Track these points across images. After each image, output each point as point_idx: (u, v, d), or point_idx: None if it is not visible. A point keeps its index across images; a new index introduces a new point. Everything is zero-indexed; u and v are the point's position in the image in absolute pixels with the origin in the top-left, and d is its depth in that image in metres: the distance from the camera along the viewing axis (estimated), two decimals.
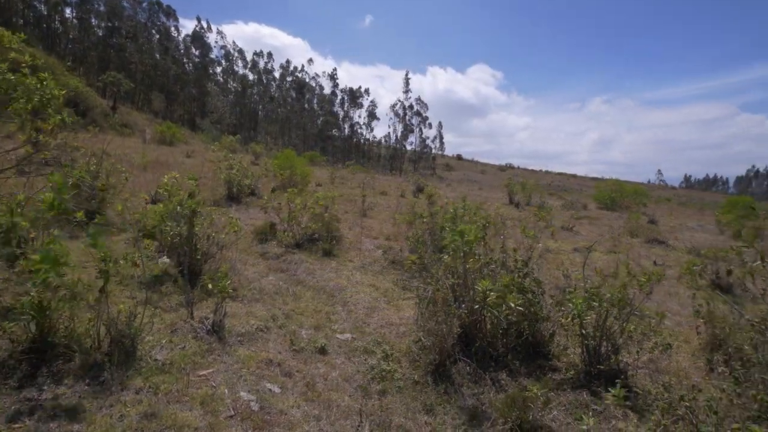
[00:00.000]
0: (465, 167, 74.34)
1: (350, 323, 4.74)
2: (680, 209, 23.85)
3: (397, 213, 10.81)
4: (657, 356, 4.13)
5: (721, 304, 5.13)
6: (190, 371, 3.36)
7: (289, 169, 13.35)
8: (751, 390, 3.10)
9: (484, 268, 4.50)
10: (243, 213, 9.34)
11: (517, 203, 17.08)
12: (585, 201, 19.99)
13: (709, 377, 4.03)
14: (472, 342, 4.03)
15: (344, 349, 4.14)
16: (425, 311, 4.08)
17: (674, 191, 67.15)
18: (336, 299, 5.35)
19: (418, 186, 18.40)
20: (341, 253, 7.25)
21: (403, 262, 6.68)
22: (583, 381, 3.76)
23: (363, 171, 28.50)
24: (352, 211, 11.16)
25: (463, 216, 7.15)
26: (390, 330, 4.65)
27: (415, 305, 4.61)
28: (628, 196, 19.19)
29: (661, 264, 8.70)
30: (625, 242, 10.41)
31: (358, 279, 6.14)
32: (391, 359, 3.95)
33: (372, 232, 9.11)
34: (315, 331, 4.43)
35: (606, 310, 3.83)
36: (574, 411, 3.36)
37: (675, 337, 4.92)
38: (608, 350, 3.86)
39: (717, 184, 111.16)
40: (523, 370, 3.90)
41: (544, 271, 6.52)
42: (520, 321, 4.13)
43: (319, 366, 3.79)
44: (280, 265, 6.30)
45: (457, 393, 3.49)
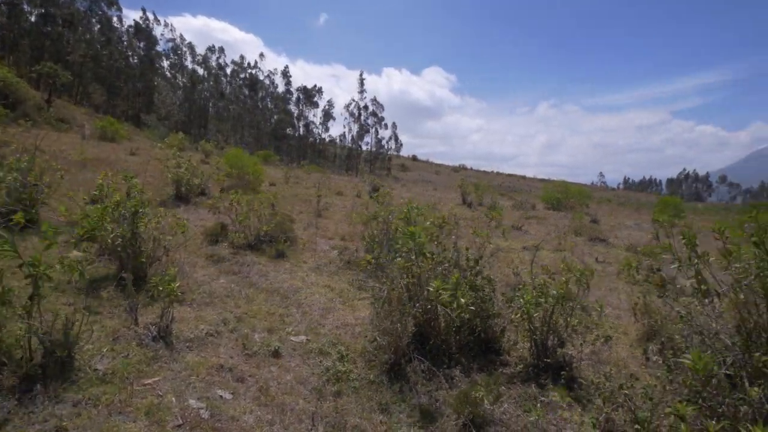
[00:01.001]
0: (420, 168, 75.35)
1: (305, 325, 4.68)
2: (619, 209, 25.37)
3: (352, 213, 10.78)
4: (598, 348, 4.36)
5: (655, 298, 5.51)
6: (134, 380, 3.19)
7: (240, 168, 12.98)
8: (681, 376, 3.35)
9: (438, 267, 4.58)
10: (192, 213, 8.99)
11: (469, 203, 17.52)
12: (534, 201, 20.82)
13: (645, 366, 4.31)
14: (427, 340, 4.10)
15: (299, 352, 4.08)
16: (380, 311, 4.10)
17: (614, 192, 71.35)
18: (290, 301, 5.27)
19: (374, 186, 18.46)
20: (296, 254, 7.15)
21: (358, 262, 6.68)
22: (531, 374, 3.92)
23: (318, 171, 28.23)
24: (306, 212, 11.02)
25: (417, 216, 7.24)
26: (345, 331, 4.63)
27: (370, 305, 4.61)
28: (573, 197, 20.18)
29: (602, 261, 9.22)
30: (570, 240, 10.93)
31: (312, 280, 6.08)
32: (347, 360, 3.93)
33: (327, 232, 9.04)
34: (268, 334, 4.34)
35: (552, 306, 4.01)
36: (524, 403, 3.49)
37: (615, 329, 5.21)
38: (554, 344, 4.04)
39: (652, 185, 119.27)
40: (476, 366, 4.01)
41: (496, 269, 6.74)
42: (473, 318, 4.23)
43: (272, 369, 3.71)
44: (231, 267, 6.11)
45: (412, 391, 3.54)
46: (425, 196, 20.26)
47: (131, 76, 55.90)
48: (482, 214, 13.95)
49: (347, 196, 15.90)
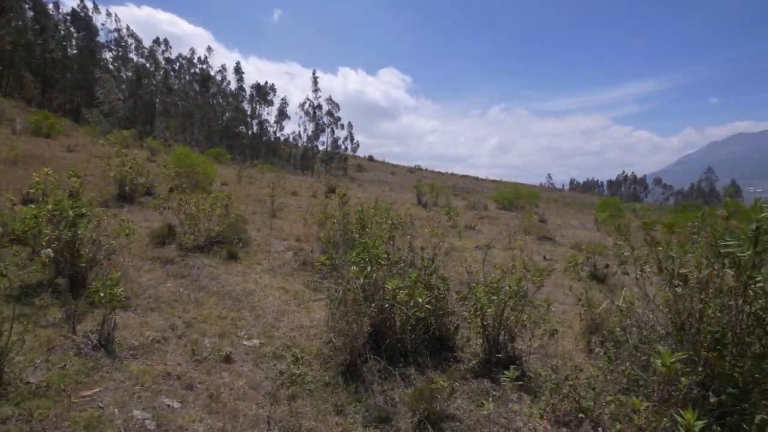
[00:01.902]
0: (376, 168, 75.65)
1: (258, 328, 4.57)
2: (565, 209, 26.63)
3: (308, 213, 10.65)
4: (546, 342, 4.55)
5: (597, 293, 5.83)
6: (72, 392, 2.99)
7: (190, 167, 12.49)
8: (621, 366, 3.56)
9: (393, 267, 4.62)
10: (137, 214, 8.55)
11: (425, 204, 17.78)
12: (486, 202, 21.43)
13: (588, 358, 4.55)
14: (382, 340, 4.12)
15: (252, 356, 3.98)
16: (336, 312, 4.07)
17: (561, 193, 74.81)
18: (243, 304, 5.12)
19: (330, 186, 18.33)
20: (249, 256, 6.96)
21: (314, 263, 6.61)
22: (484, 369, 4.03)
23: (273, 170, 27.65)
24: (260, 212, 10.77)
25: (373, 217, 7.26)
26: (300, 333, 4.56)
27: (326, 306, 4.58)
28: (523, 198, 20.98)
29: (549, 258, 9.63)
30: (519, 239, 11.34)
31: (266, 282, 5.94)
32: (302, 362, 3.88)
33: (282, 233, 8.88)
34: (219, 339, 4.20)
35: (504, 302, 4.14)
36: (476, 398, 3.58)
37: (561, 323, 5.46)
38: (505, 339, 4.18)
39: (595, 187, 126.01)
40: (431, 364, 4.07)
41: (450, 268, 6.88)
42: (428, 317, 4.30)
43: (224, 375, 3.60)
44: (179, 270, 5.87)
45: (368, 391, 3.54)
46: (382, 197, 20.36)
47: (68, 68, 52.35)
48: (438, 214, 14.20)
49: (303, 196, 15.69)
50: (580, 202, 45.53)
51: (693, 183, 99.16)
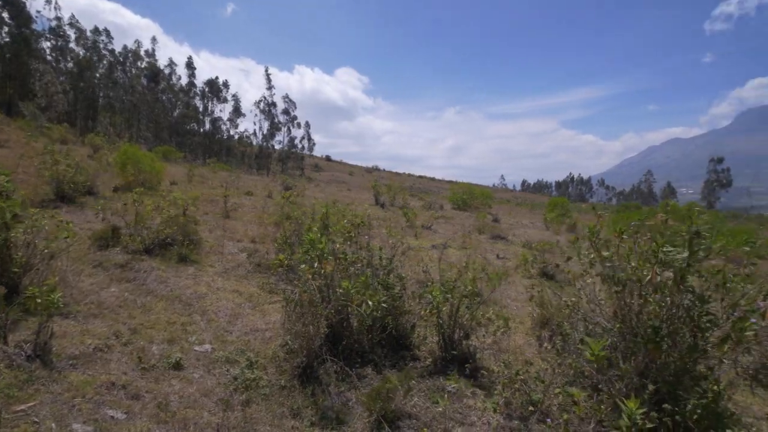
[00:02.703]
0: (334, 168, 75.18)
1: (210, 333, 4.41)
2: (517, 209, 27.60)
3: (263, 214, 10.41)
4: (499, 338, 4.69)
5: (547, 289, 6.07)
6: (3, 407, 2.76)
7: (137, 165, 11.89)
8: (568, 359, 3.73)
9: (350, 267, 4.60)
10: (77, 215, 8.03)
11: (382, 204, 17.86)
12: (442, 202, 21.83)
13: (538, 352, 4.73)
14: (339, 341, 4.09)
15: (203, 362, 3.84)
16: (292, 314, 4.01)
17: (513, 193, 77.43)
18: (194, 308, 4.93)
19: (286, 186, 18.03)
20: (200, 258, 6.72)
21: (269, 264, 6.47)
22: (439, 367, 4.10)
23: (226, 169, 26.86)
24: (213, 213, 10.42)
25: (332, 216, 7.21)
26: (255, 336, 4.45)
27: (281, 309, 4.49)
28: (477, 198, 21.55)
29: (502, 257, 9.94)
30: (474, 239, 11.63)
31: (219, 285, 5.76)
32: (256, 367, 3.79)
33: (236, 234, 8.64)
34: (168, 345, 4.02)
35: (459, 301, 4.23)
36: (433, 395, 3.63)
37: (513, 319, 5.65)
38: (460, 336, 4.27)
39: (544, 188, 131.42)
40: (388, 363, 4.09)
41: (406, 267, 6.94)
42: (385, 316, 4.32)
43: (173, 383, 3.45)
44: (125, 274, 5.57)
45: (324, 393, 3.50)
46: (339, 197, 20.24)
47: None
48: (395, 214, 14.31)
49: (258, 196, 15.33)
50: (531, 202, 47.31)
51: (634, 184, 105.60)
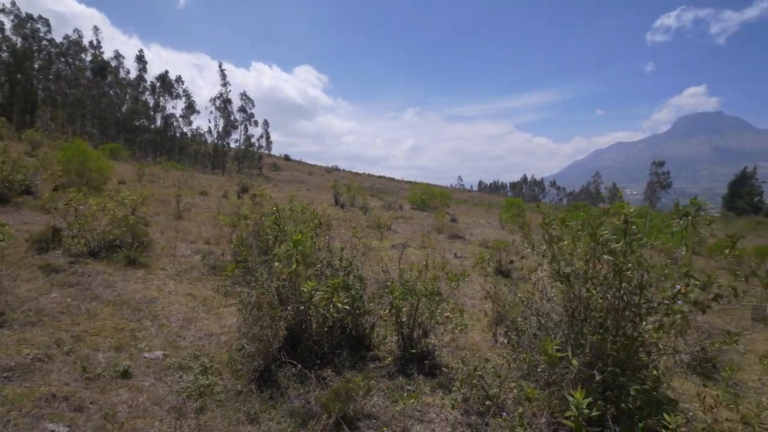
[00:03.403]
0: (293, 168, 74.02)
1: (162, 339, 4.23)
2: (474, 209, 28.26)
3: (219, 214, 10.10)
4: (457, 335, 4.79)
5: (502, 286, 6.26)
6: None
7: (81, 162, 11.22)
8: (522, 354, 3.86)
9: (310, 268, 4.55)
10: (13, 216, 7.48)
11: (342, 204, 17.79)
12: (401, 202, 22.01)
13: (494, 348, 4.87)
14: (299, 343, 4.04)
15: (154, 369, 3.68)
16: (249, 317, 3.91)
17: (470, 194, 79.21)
18: (143, 313, 4.72)
19: (243, 186, 17.59)
20: (151, 261, 6.43)
21: (225, 266, 6.29)
22: (399, 366, 4.13)
23: (179, 168, 25.87)
24: (165, 213, 10.01)
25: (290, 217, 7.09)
26: (210, 341, 4.32)
27: (238, 312, 4.38)
28: (436, 199, 21.90)
29: (460, 256, 10.16)
30: (433, 238, 11.81)
31: (171, 288, 5.53)
32: (211, 372, 3.67)
33: (189, 235, 8.33)
34: (116, 353, 3.82)
35: (418, 300, 4.28)
36: (392, 394, 3.66)
37: (470, 317, 5.79)
38: (419, 335, 4.32)
39: (500, 188, 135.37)
40: (348, 364, 4.07)
41: (366, 267, 6.95)
42: (345, 317, 4.30)
43: (121, 392, 3.28)
44: (67, 278, 5.24)
45: (283, 396, 3.45)
46: (298, 197, 19.98)
47: None
48: (355, 214, 14.28)
49: (213, 196, 14.86)
50: (488, 202, 48.62)
51: (583, 185, 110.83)
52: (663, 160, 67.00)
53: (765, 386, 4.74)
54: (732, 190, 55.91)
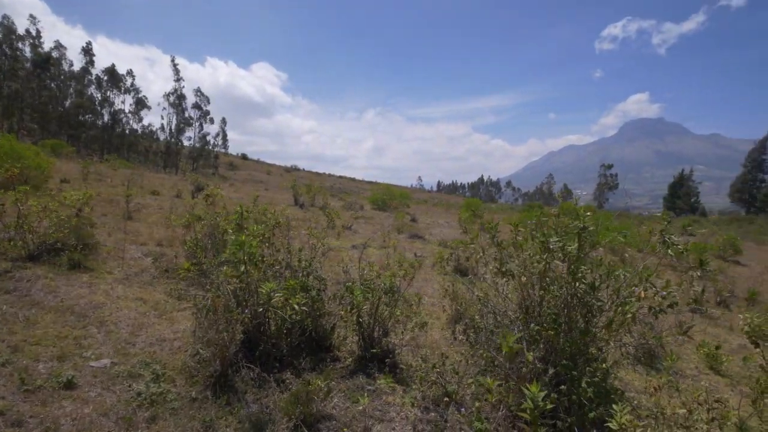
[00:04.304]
0: (250, 167, 72.19)
1: (109, 346, 4.02)
2: (434, 209, 28.67)
3: (171, 215, 9.71)
4: (417, 334, 4.84)
5: (461, 285, 6.38)
6: None
7: (17, 159, 10.46)
8: (480, 350, 3.95)
9: (269, 270, 4.46)
10: None
11: (302, 204, 17.56)
12: (362, 202, 21.99)
13: (453, 345, 4.95)
14: (256, 346, 3.95)
15: (101, 379, 3.48)
16: (204, 321, 3.78)
17: (430, 194, 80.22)
18: (89, 320, 4.46)
19: (198, 185, 17.01)
20: (97, 265, 6.09)
21: (178, 269, 6.05)
22: (360, 366, 4.12)
23: (128, 166, 24.70)
24: (113, 214, 9.51)
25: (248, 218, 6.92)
26: (162, 347, 4.14)
27: (192, 316, 4.22)
28: (396, 199, 22.04)
29: (420, 255, 10.27)
30: (393, 238, 11.88)
31: (120, 293, 5.26)
32: (163, 380, 3.52)
33: (139, 237, 7.96)
34: (58, 363, 3.59)
35: (378, 299, 4.29)
36: (353, 394, 3.64)
37: (430, 315, 5.87)
38: (380, 334, 4.34)
39: (458, 189, 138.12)
40: (308, 366, 4.02)
41: (326, 268, 6.89)
42: (304, 319, 4.24)
43: (64, 404, 3.08)
44: (3, 284, 4.88)
45: (240, 402, 3.36)
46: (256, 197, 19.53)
47: None
48: (315, 215, 14.14)
49: (165, 196, 14.27)
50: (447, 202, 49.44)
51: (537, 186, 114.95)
52: (611, 163, 70.56)
53: (701, 373, 5.09)
54: (672, 191, 59.72)
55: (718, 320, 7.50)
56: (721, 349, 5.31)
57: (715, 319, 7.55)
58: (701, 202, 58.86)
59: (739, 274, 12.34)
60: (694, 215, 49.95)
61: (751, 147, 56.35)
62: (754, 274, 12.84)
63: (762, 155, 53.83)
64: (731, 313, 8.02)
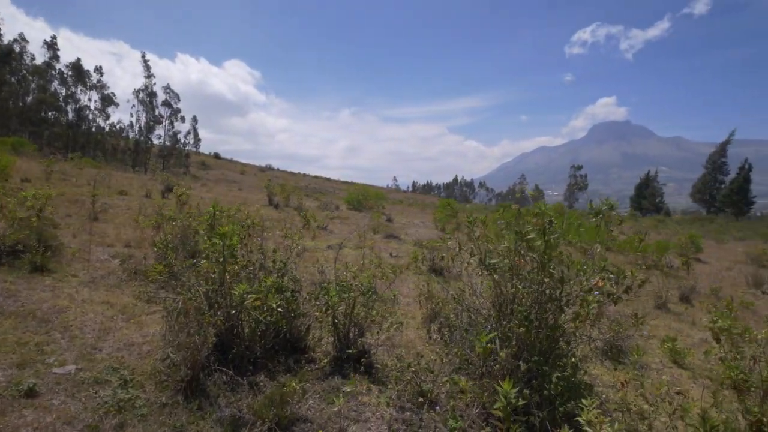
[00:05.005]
0: (223, 166, 70.81)
1: (74, 352, 3.87)
2: (409, 209, 28.82)
3: (140, 216, 9.43)
4: (392, 333, 4.85)
5: (436, 284, 6.44)
6: None
7: None
8: (455, 348, 3.99)
9: (242, 271, 4.39)
10: None
11: (276, 204, 17.35)
12: (337, 202, 21.90)
13: (428, 344, 4.99)
14: (229, 349, 3.88)
15: (65, 386, 3.35)
16: (175, 324, 3.69)
17: (405, 194, 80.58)
18: (52, 325, 4.28)
19: (168, 185, 16.58)
20: (61, 267, 5.86)
21: (147, 271, 5.88)
22: (335, 367, 4.10)
23: (95, 165, 23.88)
24: (78, 215, 9.17)
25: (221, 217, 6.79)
26: (130, 352, 4.01)
27: (162, 319, 4.11)
28: (372, 199, 22.04)
29: (395, 255, 10.31)
30: (369, 238, 11.88)
31: (85, 296, 5.08)
32: (132, 385, 3.41)
33: (106, 238, 7.70)
34: (18, 370, 3.43)
35: (354, 299, 4.28)
36: (328, 396, 3.63)
37: (405, 315, 5.89)
38: (355, 334, 4.33)
39: (433, 189, 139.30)
40: (282, 368, 3.98)
41: (302, 268, 6.83)
42: (279, 320, 4.19)
43: (25, 413, 2.95)
44: None
45: (213, 406, 3.29)
46: (230, 197, 19.19)
47: None
48: (289, 215, 13.99)
49: (134, 196, 13.86)
50: (422, 202, 49.76)
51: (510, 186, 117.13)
52: (581, 164, 72.58)
53: (665, 367, 5.29)
54: (638, 191, 61.91)
55: (681, 316, 7.81)
56: (677, 342, 5.54)
57: (678, 315, 7.86)
58: (665, 203, 61.24)
59: (700, 271, 12.89)
60: (659, 215, 51.93)
61: (711, 150, 59.00)
62: (715, 270, 13.44)
63: (721, 158, 56.41)
64: (694, 309, 8.36)
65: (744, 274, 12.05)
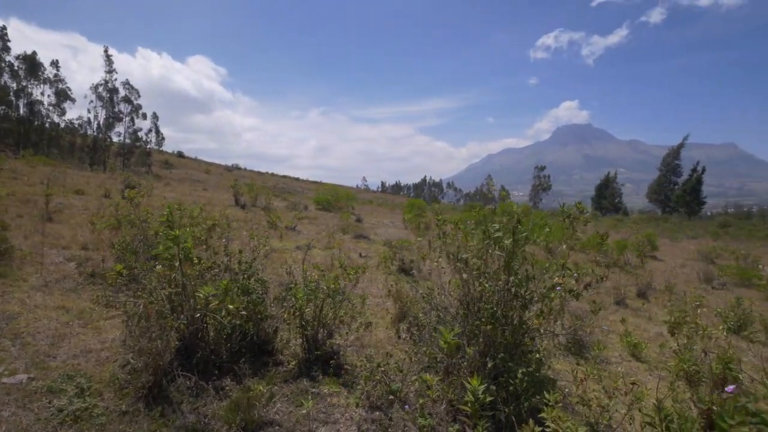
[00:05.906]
0: (187, 165, 68.74)
1: (26, 360, 3.67)
2: (379, 209, 28.86)
3: (98, 216, 9.03)
4: (362, 334, 4.85)
5: (405, 284, 6.48)
6: None
7: None
8: (423, 347, 4.03)
9: (207, 273, 4.28)
10: None
11: (243, 204, 17.01)
12: (306, 202, 21.68)
13: (398, 343, 5.01)
14: (194, 353, 3.77)
15: (15, 396, 3.17)
16: (135, 329, 3.55)
17: (375, 194, 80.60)
18: (1, 332, 4.05)
19: (128, 184, 15.98)
20: (11, 271, 5.54)
21: (106, 274, 5.64)
22: (303, 369, 4.06)
23: (49, 163, 22.72)
24: (30, 215, 8.69)
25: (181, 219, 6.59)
26: (87, 359, 3.84)
27: (121, 324, 3.95)
28: (341, 199, 21.94)
29: (365, 255, 10.30)
30: (338, 239, 11.82)
31: (38, 301, 4.82)
32: (89, 394, 3.27)
33: (61, 240, 7.34)
34: None
35: (323, 300, 4.25)
36: (297, 398, 3.58)
37: (375, 315, 5.89)
38: (324, 336, 4.30)
39: (403, 189, 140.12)
40: (249, 371, 3.90)
41: (269, 270, 6.72)
42: (245, 323, 4.11)
43: None
44: None
45: (176, 412, 3.19)
46: (194, 197, 18.66)
47: None
48: (257, 215, 13.75)
49: (91, 195, 13.27)
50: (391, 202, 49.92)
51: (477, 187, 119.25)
52: (544, 165, 74.62)
53: (624, 360, 5.52)
54: (598, 192, 64.32)
55: (639, 311, 8.16)
56: (630, 336, 5.79)
57: (636, 310, 8.21)
58: (624, 203, 63.89)
59: (656, 268, 13.51)
60: (618, 214, 54.15)
61: (665, 152, 62.01)
62: (669, 267, 14.12)
63: (675, 160, 59.40)
64: (650, 304, 8.76)
65: (696, 271, 12.73)
